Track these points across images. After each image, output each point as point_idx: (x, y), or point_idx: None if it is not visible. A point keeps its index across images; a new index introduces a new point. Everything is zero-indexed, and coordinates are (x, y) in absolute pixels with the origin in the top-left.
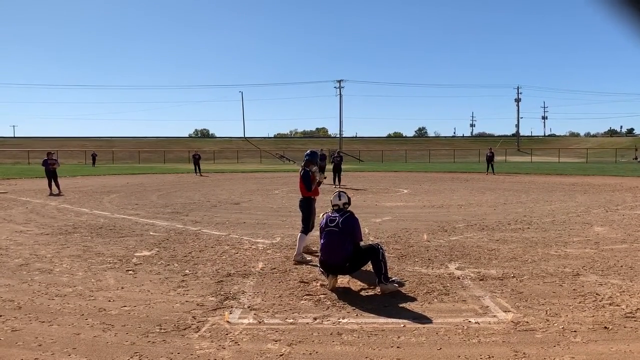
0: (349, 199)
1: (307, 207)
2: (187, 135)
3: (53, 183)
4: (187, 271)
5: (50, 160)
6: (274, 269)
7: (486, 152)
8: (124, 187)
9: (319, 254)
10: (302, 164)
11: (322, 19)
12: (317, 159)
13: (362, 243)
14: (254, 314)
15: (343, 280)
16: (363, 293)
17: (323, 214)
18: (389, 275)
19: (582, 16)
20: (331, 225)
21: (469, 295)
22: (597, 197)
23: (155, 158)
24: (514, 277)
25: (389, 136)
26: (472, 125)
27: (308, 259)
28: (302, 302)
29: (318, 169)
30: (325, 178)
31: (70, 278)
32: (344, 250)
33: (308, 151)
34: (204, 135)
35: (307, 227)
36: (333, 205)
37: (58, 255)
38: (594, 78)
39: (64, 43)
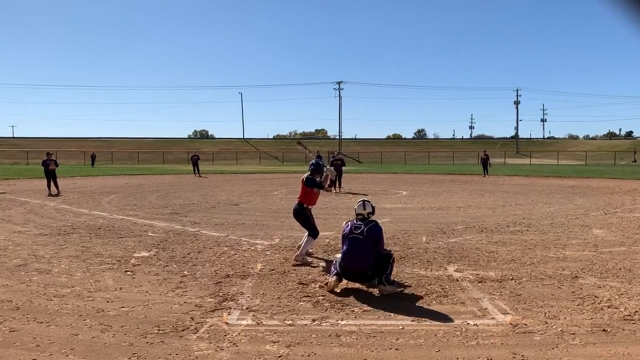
0: (373, 208)
1: (305, 215)
2: (186, 136)
3: (52, 183)
4: (185, 272)
5: (49, 160)
6: (273, 270)
7: (481, 156)
8: (123, 188)
9: (340, 260)
10: (309, 173)
11: (322, 21)
12: (323, 169)
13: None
14: (253, 315)
15: (342, 282)
16: (362, 295)
17: (346, 222)
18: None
19: (582, 19)
20: (356, 232)
21: (468, 297)
22: (595, 199)
23: (154, 159)
24: (512, 279)
25: (388, 138)
26: (471, 128)
27: (309, 260)
28: (301, 303)
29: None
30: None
31: (69, 279)
32: (367, 258)
33: (313, 161)
34: (203, 136)
35: (314, 232)
36: (357, 215)
37: (56, 255)
38: (593, 80)
39: (63, 43)
